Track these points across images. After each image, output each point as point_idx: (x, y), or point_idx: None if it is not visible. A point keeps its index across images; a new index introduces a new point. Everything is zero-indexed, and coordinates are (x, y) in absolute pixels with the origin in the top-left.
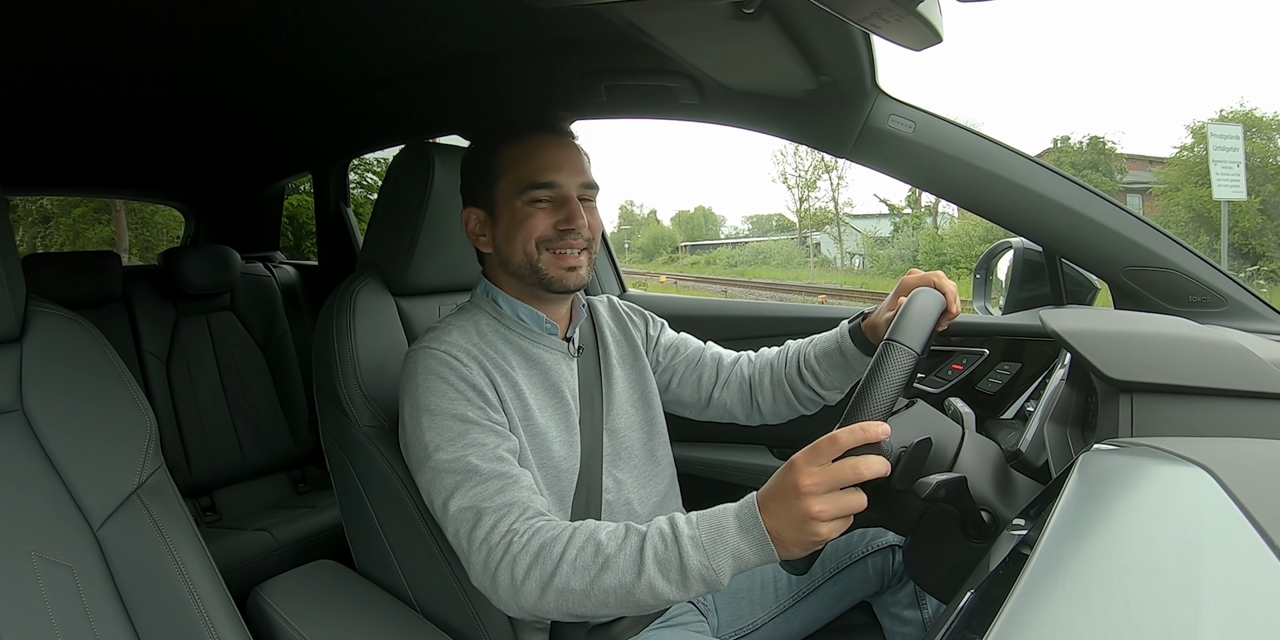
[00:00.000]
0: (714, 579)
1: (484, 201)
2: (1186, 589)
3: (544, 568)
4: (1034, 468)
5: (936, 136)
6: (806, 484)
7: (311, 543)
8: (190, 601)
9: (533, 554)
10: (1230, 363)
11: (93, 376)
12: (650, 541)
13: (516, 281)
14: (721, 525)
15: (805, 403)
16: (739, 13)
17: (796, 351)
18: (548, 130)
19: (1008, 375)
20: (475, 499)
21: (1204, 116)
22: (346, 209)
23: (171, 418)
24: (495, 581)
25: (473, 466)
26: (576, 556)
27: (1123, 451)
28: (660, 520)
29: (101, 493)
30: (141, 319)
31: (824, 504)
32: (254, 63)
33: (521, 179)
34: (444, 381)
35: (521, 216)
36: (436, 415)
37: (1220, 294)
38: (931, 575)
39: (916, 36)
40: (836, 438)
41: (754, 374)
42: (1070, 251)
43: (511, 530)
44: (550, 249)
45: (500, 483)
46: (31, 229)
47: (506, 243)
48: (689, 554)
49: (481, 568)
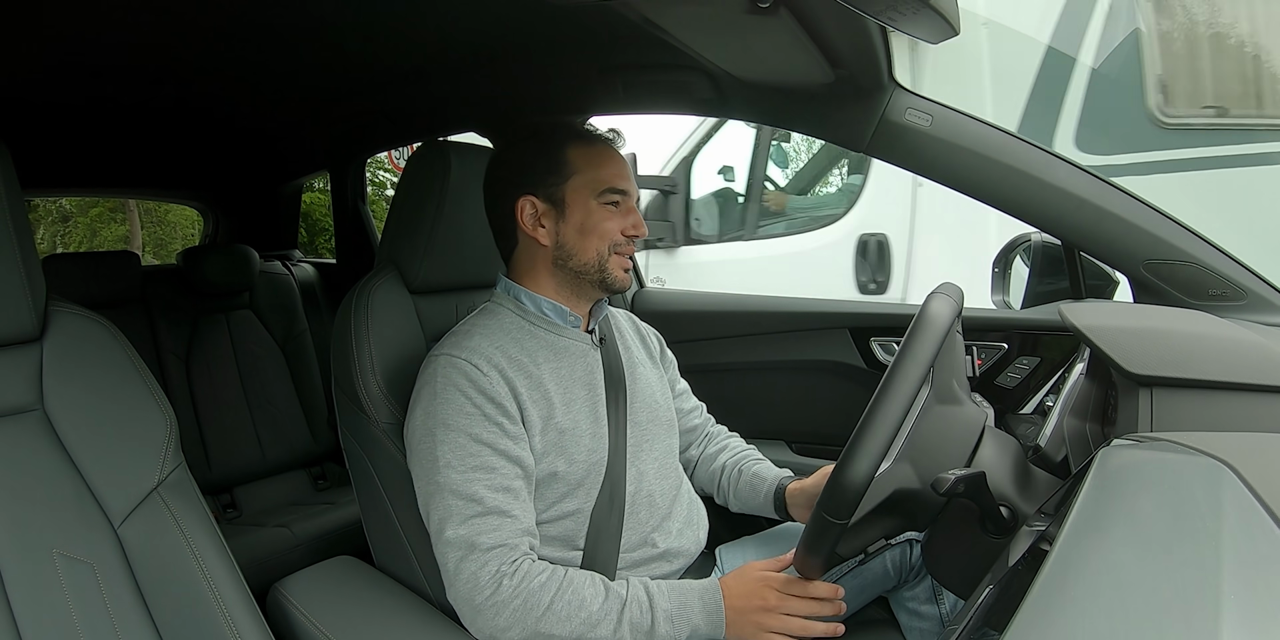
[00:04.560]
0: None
1: (549, 195)
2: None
3: (530, 614)
4: (1053, 463)
5: (954, 130)
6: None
7: (331, 539)
8: (210, 598)
9: (522, 598)
10: (1251, 357)
11: (113, 375)
12: (629, 608)
13: (565, 276)
14: (687, 603)
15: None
16: (754, 7)
17: (739, 460)
18: (611, 141)
19: (1026, 370)
20: (471, 532)
21: None
22: (364, 207)
23: (191, 416)
24: (476, 613)
25: (477, 496)
26: (562, 608)
27: (1142, 446)
28: (637, 588)
29: (122, 490)
30: (161, 318)
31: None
32: (271, 61)
33: (602, 182)
34: (462, 394)
35: (599, 217)
36: (451, 430)
37: (1241, 287)
38: (950, 571)
39: (932, 29)
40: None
41: (710, 447)
42: (1089, 245)
43: (500, 572)
44: (618, 252)
45: (498, 520)
46: (51, 227)
47: (579, 239)
48: (660, 624)
49: (465, 600)
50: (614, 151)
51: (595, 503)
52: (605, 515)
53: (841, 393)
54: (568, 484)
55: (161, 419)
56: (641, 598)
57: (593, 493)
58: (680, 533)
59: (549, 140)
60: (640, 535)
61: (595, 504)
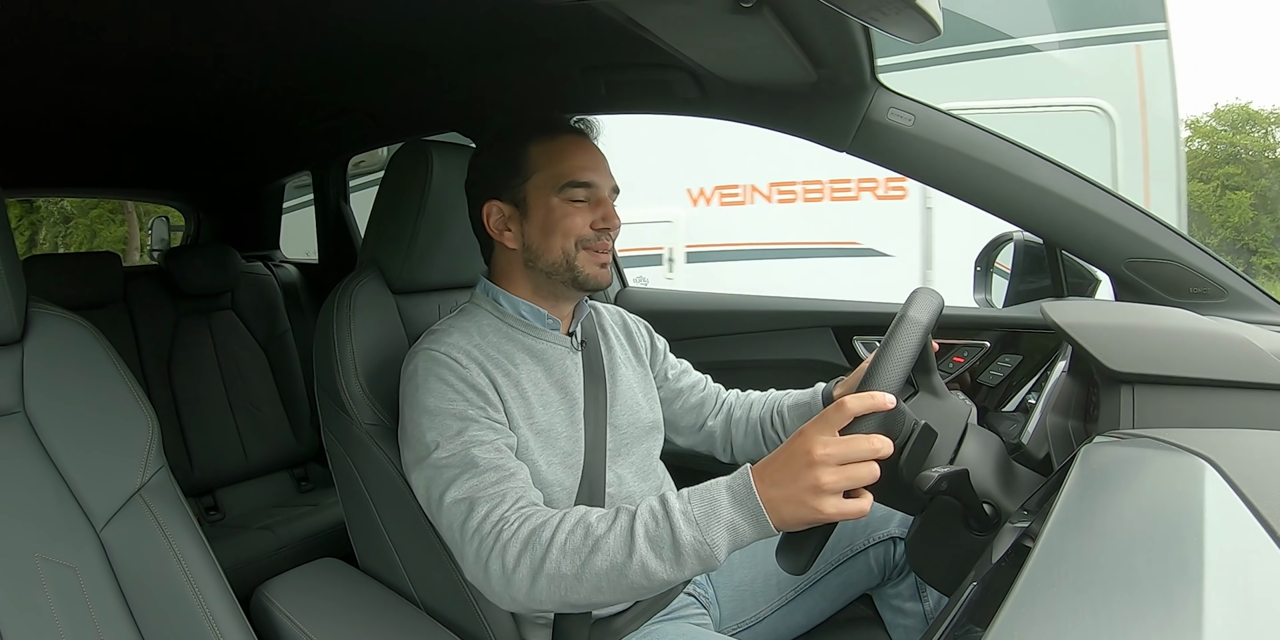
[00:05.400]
0: (709, 555)
1: (511, 196)
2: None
3: (534, 553)
4: (1036, 460)
5: (936, 129)
6: (819, 453)
7: (315, 541)
8: (194, 601)
9: (522, 540)
10: (1232, 354)
11: (94, 377)
12: (640, 519)
13: (538, 278)
14: (714, 499)
15: (771, 446)
16: (737, 6)
17: (774, 400)
18: (578, 132)
19: (1009, 368)
20: (470, 490)
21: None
22: (347, 207)
23: (173, 418)
24: (487, 572)
25: (472, 458)
26: (566, 540)
27: (1124, 443)
28: (651, 498)
29: (104, 493)
30: (142, 319)
31: (834, 475)
32: (252, 61)
33: (561, 176)
34: (443, 382)
35: (560, 214)
36: (437, 415)
37: (1221, 285)
38: (934, 568)
39: (915, 29)
40: (844, 404)
41: (737, 411)
42: (1071, 243)
43: (503, 519)
44: (588, 248)
45: (497, 475)
46: (54, 228)
47: (542, 239)
48: (681, 529)
49: (474, 559)
50: (579, 144)
51: (574, 505)
52: None
53: None
54: (543, 484)
55: (144, 421)
56: (654, 506)
57: (571, 495)
58: None
59: (510, 141)
60: None
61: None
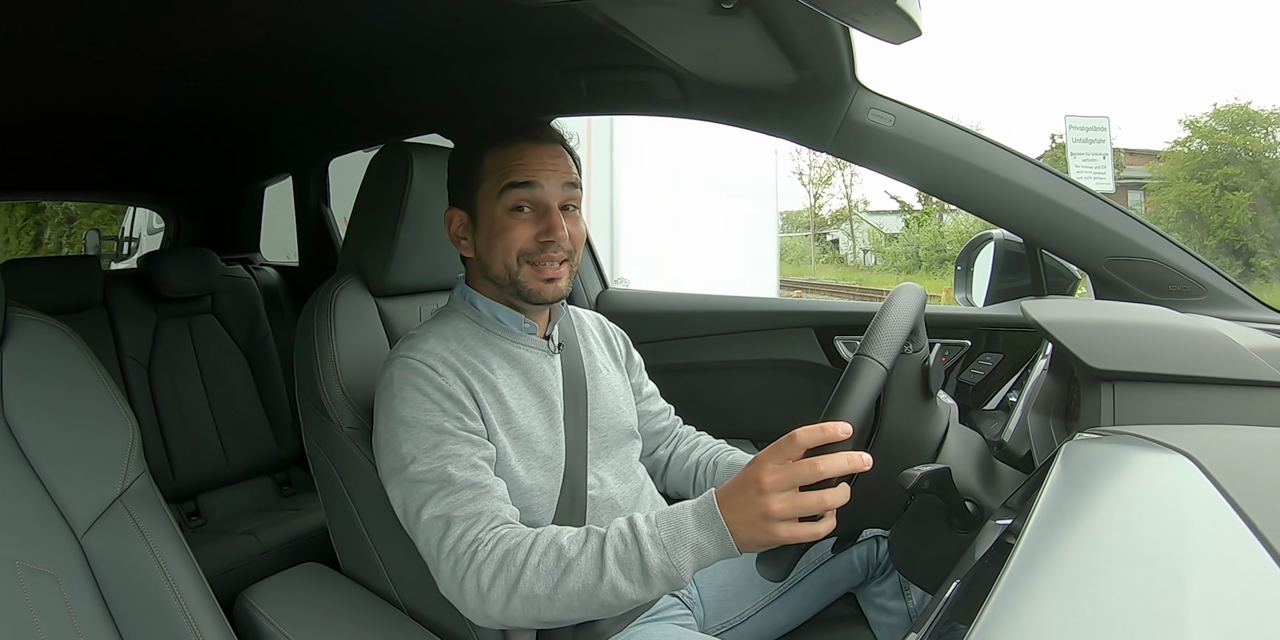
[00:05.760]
0: (675, 576)
1: (467, 204)
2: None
3: (508, 575)
4: (1017, 458)
5: (917, 129)
6: (767, 481)
7: (297, 546)
8: (176, 608)
9: (497, 561)
10: (1211, 351)
11: (74, 382)
12: (610, 542)
13: (496, 287)
14: (680, 522)
15: (698, 490)
16: (718, 7)
17: (715, 450)
18: (532, 137)
19: (990, 366)
20: (447, 508)
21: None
22: (328, 210)
23: (154, 423)
24: (462, 590)
25: (448, 475)
26: (539, 562)
27: (1105, 440)
28: (620, 521)
29: (85, 500)
30: (122, 323)
31: (781, 503)
32: (233, 63)
33: (502, 178)
34: (420, 392)
35: (501, 226)
36: (413, 426)
37: (1201, 283)
38: (917, 566)
39: (895, 30)
40: (795, 436)
41: (681, 446)
42: (1051, 242)
43: (477, 539)
44: (531, 262)
45: (473, 492)
46: (58, 229)
47: (487, 250)
48: (649, 552)
49: (450, 577)
50: (532, 147)
51: (556, 508)
52: (566, 520)
53: (806, 391)
54: (524, 489)
55: (124, 426)
56: (624, 529)
57: (553, 498)
58: None
59: (468, 148)
60: None
61: (556, 509)
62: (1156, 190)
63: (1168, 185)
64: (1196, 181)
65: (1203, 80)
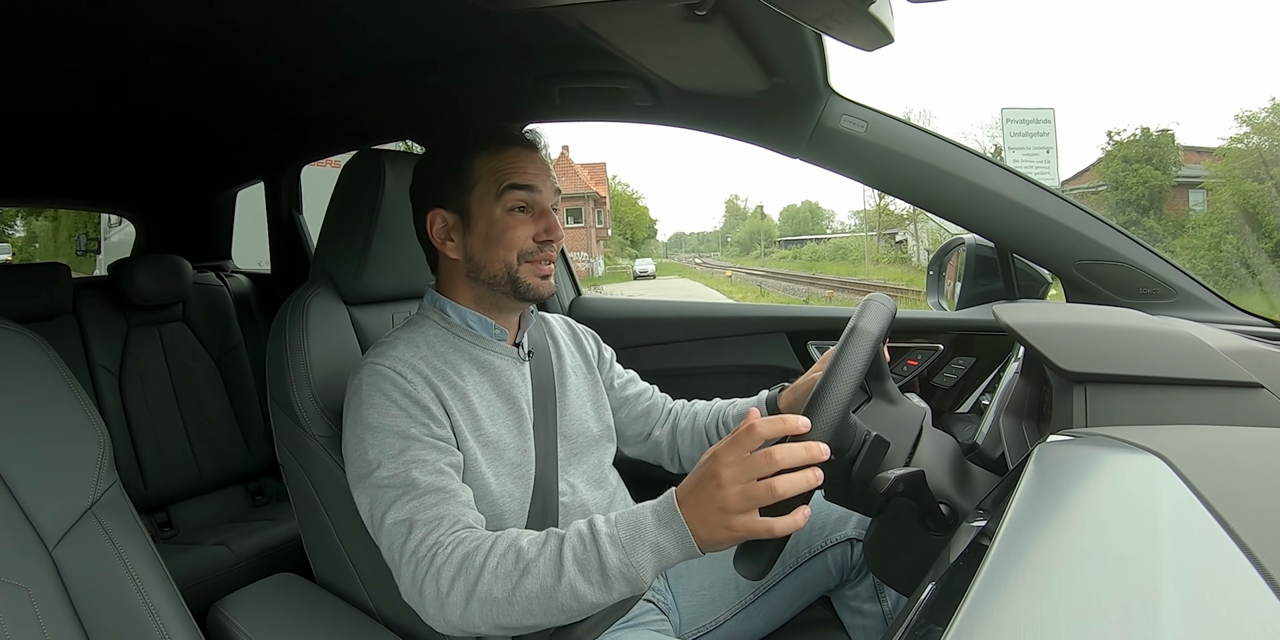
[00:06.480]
0: (635, 577)
1: (456, 206)
2: (1145, 574)
3: (467, 577)
4: (991, 460)
5: (889, 136)
6: (725, 475)
7: (270, 556)
8: (149, 620)
9: (456, 564)
10: (1182, 352)
11: (43, 391)
12: (569, 543)
13: (480, 289)
14: (639, 522)
15: None
16: (691, 14)
17: (719, 409)
18: (524, 143)
19: (962, 369)
20: (410, 512)
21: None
22: (299, 217)
23: (125, 432)
24: (422, 594)
25: (412, 480)
26: (498, 564)
27: (1077, 441)
28: (580, 522)
29: (55, 511)
30: (92, 331)
31: (737, 498)
32: (203, 69)
33: (502, 180)
34: (387, 398)
35: (502, 226)
36: (379, 432)
37: (1170, 285)
38: (892, 568)
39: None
40: (754, 428)
41: (682, 421)
42: (1022, 246)
43: (438, 542)
44: (529, 260)
45: (436, 497)
46: None
47: (484, 251)
48: (608, 552)
49: (410, 581)
50: (525, 153)
51: (528, 515)
52: (539, 527)
53: None
54: (494, 496)
55: (94, 436)
56: (583, 530)
57: (524, 505)
58: None
59: (457, 150)
60: None
61: (528, 517)
62: (1214, 189)
63: (1223, 184)
64: (1253, 180)
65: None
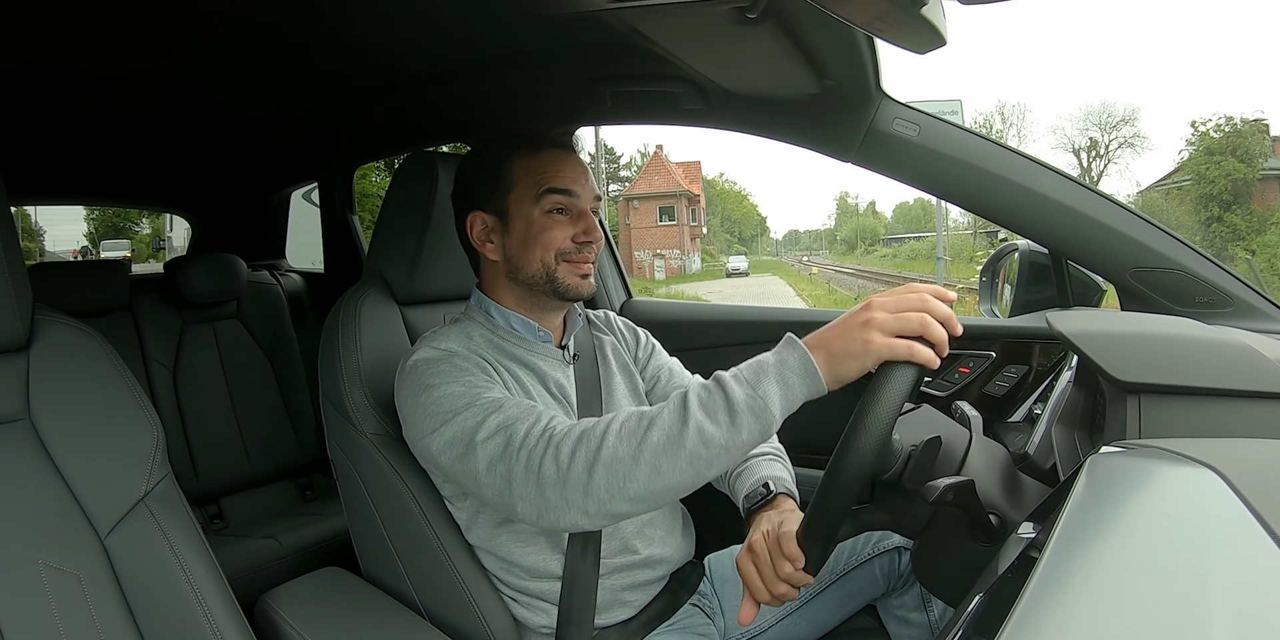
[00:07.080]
0: (762, 408)
1: (495, 208)
2: (1196, 590)
3: (589, 445)
4: (1042, 470)
5: (941, 140)
6: (877, 301)
7: (318, 550)
8: (198, 610)
9: (575, 438)
10: (1238, 363)
11: (99, 385)
12: (694, 391)
13: (520, 289)
14: (760, 360)
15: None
16: (742, 17)
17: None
18: (562, 146)
19: (1014, 378)
20: (503, 422)
21: None
22: (352, 217)
23: (178, 426)
24: (540, 480)
25: (498, 401)
26: (620, 427)
27: (1131, 453)
28: (696, 378)
29: (108, 501)
30: (147, 327)
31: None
32: (261, 71)
33: (540, 184)
34: (446, 365)
35: (540, 227)
36: (439, 388)
37: (1227, 294)
38: (939, 578)
39: (920, 39)
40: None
41: None
42: (1076, 253)
43: (549, 427)
44: (568, 260)
45: (526, 406)
46: None
47: (522, 252)
48: (733, 389)
49: (523, 475)
50: (561, 156)
51: None
52: None
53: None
54: None
55: (148, 429)
56: (705, 381)
57: None
58: (663, 540)
59: (494, 153)
60: (620, 541)
61: None
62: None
63: None
64: None
65: None
